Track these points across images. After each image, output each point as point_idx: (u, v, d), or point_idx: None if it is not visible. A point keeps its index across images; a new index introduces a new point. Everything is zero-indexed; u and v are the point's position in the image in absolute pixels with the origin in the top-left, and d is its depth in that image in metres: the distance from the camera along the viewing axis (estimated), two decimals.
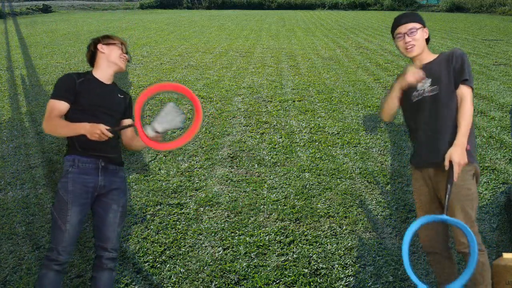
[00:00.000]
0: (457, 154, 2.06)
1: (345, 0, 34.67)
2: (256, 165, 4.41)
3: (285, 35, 16.27)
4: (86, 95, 2.33)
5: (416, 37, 2.29)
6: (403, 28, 2.31)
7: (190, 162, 4.48)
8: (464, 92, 2.18)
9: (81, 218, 2.24)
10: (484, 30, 17.18)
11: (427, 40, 2.38)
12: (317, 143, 4.98)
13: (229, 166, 4.38)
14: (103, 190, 2.33)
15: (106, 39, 2.50)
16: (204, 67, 9.57)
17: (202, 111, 2.30)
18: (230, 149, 4.81)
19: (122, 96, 2.53)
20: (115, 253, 2.32)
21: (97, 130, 2.15)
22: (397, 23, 2.35)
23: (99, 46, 2.46)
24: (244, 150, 4.79)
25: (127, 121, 2.55)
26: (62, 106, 2.30)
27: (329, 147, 4.87)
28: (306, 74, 8.82)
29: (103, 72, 2.46)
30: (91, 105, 2.33)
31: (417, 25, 2.30)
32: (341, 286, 2.67)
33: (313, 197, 3.75)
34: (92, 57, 2.49)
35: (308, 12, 31.45)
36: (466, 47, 12.65)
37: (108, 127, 2.19)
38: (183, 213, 3.50)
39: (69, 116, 2.32)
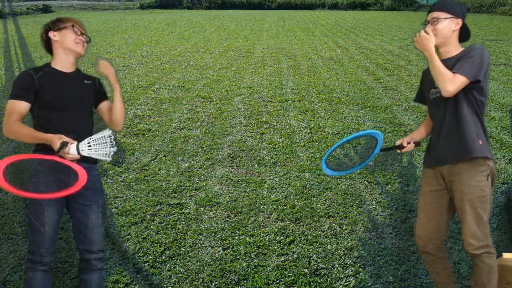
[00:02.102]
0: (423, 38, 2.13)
1: (345, 0, 34.66)
2: (256, 165, 4.41)
3: (285, 35, 16.27)
4: (49, 90, 2.16)
5: (438, 27, 2.17)
6: (429, 16, 2.23)
7: (190, 162, 4.48)
8: (456, 78, 2.07)
9: (59, 217, 2.15)
10: (484, 30, 17.18)
11: (463, 33, 2.24)
12: (317, 143, 4.98)
13: (229, 166, 4.38)
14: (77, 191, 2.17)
15: (57, 24, 2.26)
16: (204, 67, 9.57)
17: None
18: (230, 149, 4.81)
19: (89, 82, 2.34)
20: (102, 253, 2.27)
21: (55, 146, 1.99)
22: (429, 10, 2.28)
23: (51, 34, 2.24)
24: (244, 150, 4.79)
25: (105, 106, 2.37)
26: (22, 106, 2.13)
27: (329, 147, 4.87)
28: (306, 74, 8.82)
29: (62, 61, 2.25)
30: (55, 98, 2.17)
31: (443, 15, 2.17)
32: (341, 286, 2.67)
33: (313, 197, 3.75)
34: (47, 46, 2.29)
35: (308, 12, 31.45)
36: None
37: (73, 141, 2.03)
38: (183, 213, 3.50)
39: (36, 114, 2.19)
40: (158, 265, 2.85)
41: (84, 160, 2.19)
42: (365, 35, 15.99)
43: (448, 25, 2.18)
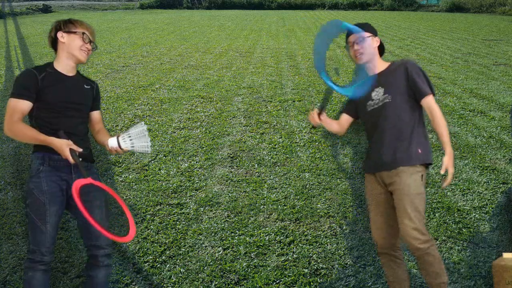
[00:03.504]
0: (451, 164, 2.18)
1: (345, 0, 34.66)
2: (256, 165, 4.41)
3: (285, 35, 16.27)
4: (50, 91, 2.16)
5: (364, 45, 2.35)
6: (354, 37, 2.38)
7: (190, 162, 4.48)
8: (428, 102, 2.27)
9: (59, 216, 2.16)
10: (484, 30, 17.19)
11: (381, 49, 2.45)
12: (317, 143, 4.98)
13: (229, 166, 4.38)
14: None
15: (68, 25, 2.23)
16: (204, 67, 9.57)
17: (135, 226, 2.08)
18: (230, 149, 4.81)
19: (88, 87, 2.34)
20: (109, 248, 2.26)
21: (64, 154, 2.04)
22: (348, 33, 2.42)
23: (59, 34, 2.21)
24: (244, 150, 4.79)
25: (97, 117, 2.40)
26: (25, 105, 2.11)
27: (329, 147, 4.87)
28: (306, 74, 8.82)
29: (64, 64, 2.25)
30: (56, 102, 2.16)
31: (366, 34, 2.37)
32: (341, 286, 2.67)
33: (313, 197, 3.75)
34: (53, 44, 2.28)
35: (308, 12, 31.45)
36: (466, 47, 12.65)
37: (79, 150, 2.09)
38: (183, 213, 3.50)
39: (34, 114, 2.18)
40: (158, 265, 2.85)
41: (83, 159, 2.20)
42: None
43: (371, 42, 2.38)
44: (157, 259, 2.91)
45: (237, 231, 3.24)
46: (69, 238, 3.13)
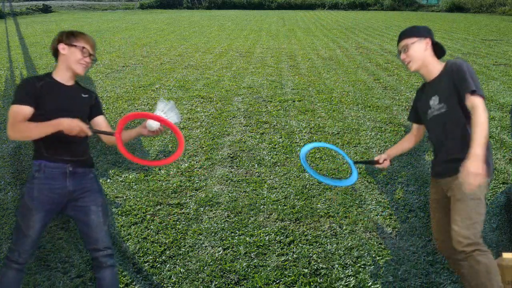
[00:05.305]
0: (472, 165, 1.97)
1: (345, 0, 34.67)
2: (256, 165, 4.41)
3: (285, 35, 16.27)
4: (47, 100, 2.21)
5: (409, 53, 2.32)
6: (400, 46, 2.38)
7: (190, 162, 4.48)
8: (474, 102, 2.09)
9: (45, 223, 2.21)
10: (484, 30, 17.19)
11: (435, 49, 2.36)
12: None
13: (229, 166, 4.38)
14: (74, 195, 2.26)
15: (70, 38, 2.28)
16: (204, 67, 9.57)
17: (184, 141, 2.25)
18: (230, 149, 4.81)
19: (86, 96, 2.38)
20: (109, 250, 2.28)
21: (76, 127, 2.09)
22: (398, 39, 2.42)
23: (60, 46, 2.27)
24: (244, 150, 4.79)
25: (101, 120, 2.45)
26: (26, 110, 2.16)
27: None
28: (306, 74, 8.82)
29: (62, 74, 2.30)
30: (52, 110, 2.20)
31: (410, 40, 2.32)
32: (341, 286, 2.67)
33: (313, 197, 3.75)
34: (55, 52, 2.33)
35: (308, 12, 31.45)
36: (466, 47, 12.65)
37: (88, 125, 2.15)
38: (183, 213, 3.50)
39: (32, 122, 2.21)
40: (158, 265, 2.85)
41: (81, 165, 2.30)
42: (365, 35, 15.99)
43: (418, 47, 2.32)
44: (157, 259, 2.91)
45: (237, 231, 3.24)
46: (69, 238, 3.13)
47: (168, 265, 2.85)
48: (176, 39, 14.89)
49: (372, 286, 2.67)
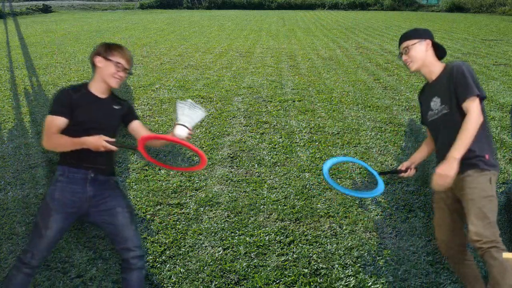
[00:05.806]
0: (444, 167, 2.09)
1: (345, 0, 34.68)
2: (256, 165, 4.41)
3: (285, 35, 16.28)
4: (79, 112, 2.28)
5: (410, 54, 2.36)
6: (401, 48, 2.42)
7: (190, 162, 4.48)
8: (469, 106, 2.15)
9: (63, 227, 2.23)
10: (484, 30, 17.19)
11: (436, 50, 2.39)
12: (317, 143, 4.98)
13: (229, 166, 4.38)
14: (94, 201, 2.29)
15: (107, 51, 2.33)
16: (204, 67, 9.57)
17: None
18: (230, 149, 4.81)
19: (118, 107, 2.42)
20: (139, 250, 2.29)
21: (100, 147, 2.14)
22: (399, 41, 2.46)
23: (97, 58, 2.32)
24: (244, 150, 4.79)
25: (136, 125, 2.49)
26: (61, 121, 2.25)
27: (329, 147, 4.87)
28: (306, 74, 8.82)
29: (97, 86, 2.36)
30: (83, 122, 2.27)
31: (411, 42, 2.36)
32: (341, 286, 2.67)
33: (313, 197, 3.75)
34: (93, 64, 2.39)
35: (308, 12, 31.46)
36: (466, 47, 12.65)
37: (112, 140, 2.18)
38: (183, 213, 3.50)
39: (63, 132, 2.28)
40: (158, 265, 2.85)
41: (103, 173, 2.34)
42: (365, 35, 15.99)
43: (419, 48, 2.35)
44: (157, 259, 2.91)
45: (237, 231, 3.24)
46: (69, 238, 3.12)
47: (168, 265, 2.85)
48: (176, 39, 14.90)
49: (372, 286, 2.67)
